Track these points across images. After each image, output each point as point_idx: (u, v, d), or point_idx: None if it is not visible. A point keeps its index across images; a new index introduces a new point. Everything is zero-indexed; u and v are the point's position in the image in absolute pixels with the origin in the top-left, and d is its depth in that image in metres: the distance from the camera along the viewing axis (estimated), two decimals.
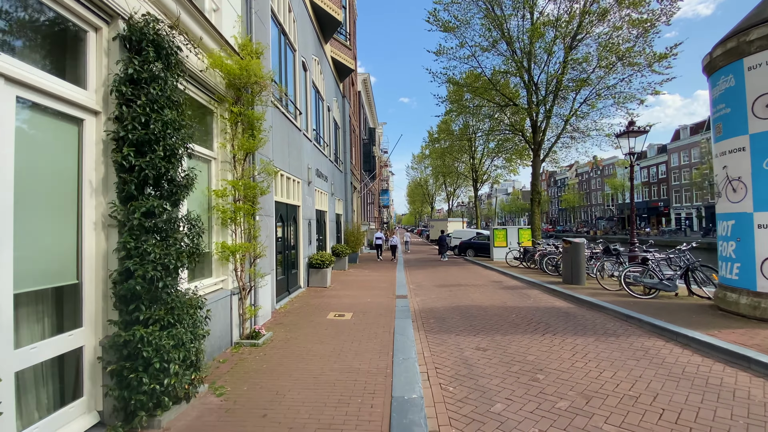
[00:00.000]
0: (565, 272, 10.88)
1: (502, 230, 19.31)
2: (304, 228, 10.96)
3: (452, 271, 16.04)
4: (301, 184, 10.81)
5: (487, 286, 11.73)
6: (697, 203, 58.12)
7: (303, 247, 10.78)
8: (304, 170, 11.16)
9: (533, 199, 17.43)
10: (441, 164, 36.74)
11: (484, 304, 8.99)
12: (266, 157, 7.30)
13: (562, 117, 18.04)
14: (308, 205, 11.51)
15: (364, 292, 10.48)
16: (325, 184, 14.26)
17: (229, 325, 5.68)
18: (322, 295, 9.86)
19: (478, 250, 22.43)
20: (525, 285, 11.69)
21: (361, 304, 8.74)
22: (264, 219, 7.21)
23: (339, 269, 15.24)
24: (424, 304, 9.20)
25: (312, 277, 11.07)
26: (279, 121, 8.88)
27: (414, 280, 13.50)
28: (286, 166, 9.37)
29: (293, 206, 10.17)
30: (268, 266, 7.37)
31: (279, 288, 8.83)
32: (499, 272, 14.77)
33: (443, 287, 11.66)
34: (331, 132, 16.23)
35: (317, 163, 13.03)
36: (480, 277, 13.70)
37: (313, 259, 10.98)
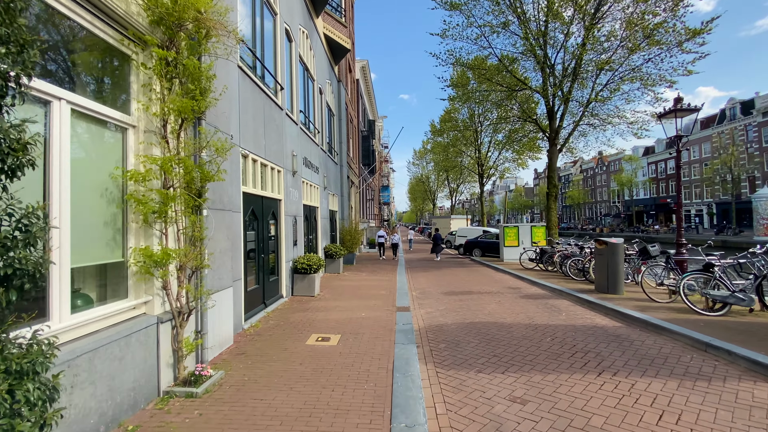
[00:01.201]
0: (598, 278, 9.11)
1: (513, 228, 17.53)
2: (288, 226, 9.21)
3: (459, 273, 14.28)
4: (284, 174, 9.05)
5: (504, 294, 9.96)
6: (708, 199, 56.30)
7: (286, 248, 9.02)
8: (287, 157, 9.40)
9: (550, 193, 15.62)
10: (444, 158, 34.90)
11: (505, 320, 7.23)
12: (224, 132, 5.53)
13: (580, 102, 16.22)
14: (293, 200, 9.75)
15: (359, 302, 8.73)
16: (315, 176, 12.50)
17: (155, 366, 3.93)
18: (306, 308, 8.11)
19: (486, 249, 20.65)
20: (549, 293, 9.92)
21: (354, 321, 6.99)
22: (221, 215, 5.45)
23: (332, 272, 13.50)
24: (431, 319, 7.44)
25: (297, 285, 9.32)
26: (250, 92, 7.11)
27: (417, 284, 11.75)
28: (260, 150, 7.60)
29: (272, 200, 8.41)
30: (228, 276, 5.62)
31: (250, 301, 7.09)
32: (514, 276, 12.99)
33: (452, 295, 9.90)
34: (324, 118, 14.46)
35: (305, 150, 11.26)
36: (493, 282, 11.94)
37: (298, 263, 9.23)
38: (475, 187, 47.18)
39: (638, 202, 66.08)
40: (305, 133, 11.32)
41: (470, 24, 15.92)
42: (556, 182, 15.68)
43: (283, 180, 8.97)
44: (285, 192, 9.09)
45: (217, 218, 5.30)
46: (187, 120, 4.25)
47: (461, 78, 18.05)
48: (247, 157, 7.02)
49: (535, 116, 17.25)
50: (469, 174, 38.38)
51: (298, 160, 10.24)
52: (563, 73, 15.73)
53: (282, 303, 8.46)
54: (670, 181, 62.31)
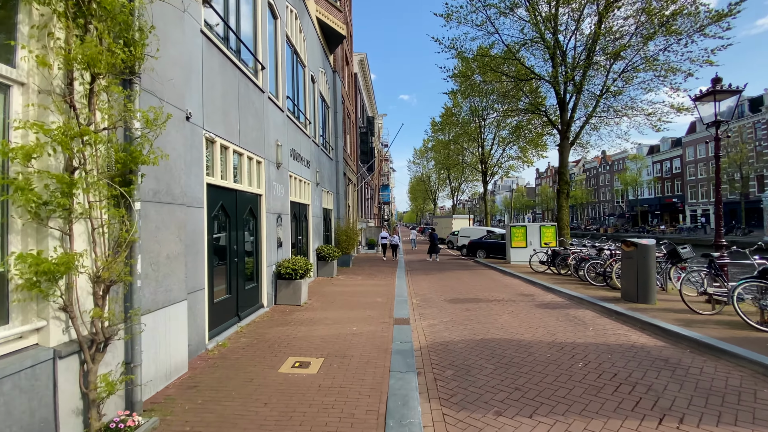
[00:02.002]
0: (625, 285, 7.95)
1: (520, 228, 16.38)
2: (269, 225, 8.07)
3: (464, 277, 13.14)
4: (265, 166, 7.91)
5: (516, 302, 8.82)
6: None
7: (267, 251, 7.88)
8: (270, 147, 8.26)
9: (561, 190, 14.47)
10: (445, 156, 33.72)
11: (523, 336, 6.09)
12: (175, 107, 4.40)
13: (593, 93, 15.06)
14: (277, 195, 8.62)
15: (351, 312, 7.59)
16: (306, 171, 11.36)
17: (51, 420, 2.80)
18: (289, 320, 6.97)
19: (491, 250, 19.51)
20: (568, 301, 8.77)
21: (342, 338, 5.85)
22: (170, 211, 4.31)
23: (325, 276, 12.37)
24: (435, 334, 6.30)
25: (281, 292, 8.18)
26: (220, 65, 5.98)
27: (418, 290, 10.61)
28: (234, 136, 6.47)
29: (250, 195, 7.27)
30: (180, 287, 4.48)
31: (218, 314, 5.95)
32: (525, 280, 11.83)
33: (457, 303, 8.76)
34: (316, 109, 13.32)
35: (293, 141, 10.13)
36: (502, 288, 10.79)
37: (282, 267, 8.09)
38: (477, 186, 46.06)
39: (642, 202, 64.89)
40: (293, 122, 10.19)
41: (475, 9, 14.80)
42: (568, 179, 14.53)
43: (264, 172, 7.83)
44: (267, 186, 7.96)
45: (163, 214, 4.17)
46: (100, 77, 3.11)
47: (467, 67, 16.84)
48: (215, 143, 5.89)
49: (544, 108, 16.07)
50: (471, 172, 37.23)
51: (283, 151, 9.11)
52: (574, 62, 14.60)
53: (261, 314, 7.32)
54: (676, 181, 61.24)
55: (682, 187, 59.77)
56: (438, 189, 58.42)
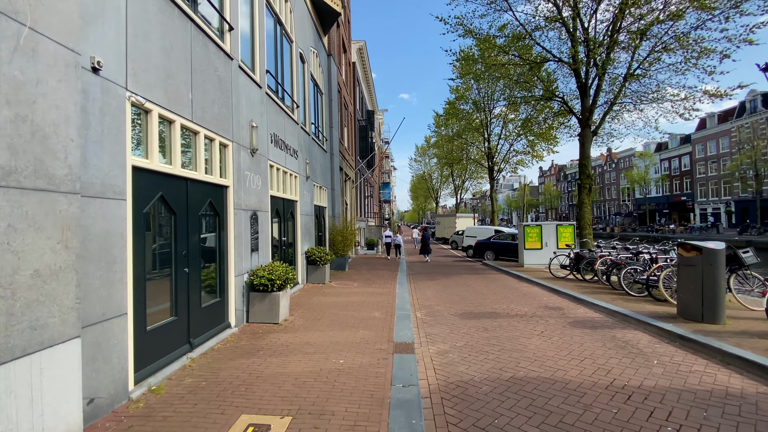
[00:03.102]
0: (685, 299, 6.36)
1: (535, 227, 14.79)
2: (240, 225, 6.52)
3: (474, 283, 11.57)
4: (234, 151, 6.36)
5: (544, 317, 7.25)
6: (726, 197, 53.46)
7: (236, 256, 6.33)
8: (241, 128, 6.70)
9: (583, 185, 12.88)
10: (448, 151, 32.08)
11: (567, 373, 4.52)
12: (69, 48, 2.85)
13: (617, 76, 13.45)
14: (251, 188, 7.06)
15: (340, 334, 6.03)
16: (293, 162, 9.80)
17: None
18: (258, 348, 5.41)
19: (500, 252, 17.93)
20: (608, 318, 7.19)
21: (323, 379, 4.29)
22: (40, 200, 2.75)
23: (316, 282, 10.81)
24: (449, 369, 4.74)
25: (254, 307, 6.62)
26: (159, 9, 4.41)
27: (423, 300, 9.05)
28: (183, 106, 4.90)
29: (208, 186, 5.71)
30: (67, 317, 2.92)
31: (156, 345, 4.39)
32: (547, 289, 10.24)
33: (471, 319, 7.20)
34: (307, 93, 11.75)
35: (275, 125, 8.56)
36: (521, 297, 9.22)
37: (256, 277, 6.53)
38: (481, 184, 44.44)
39: (650, 201, 63.18)
40: (276, 102, 8.62)
41: None
42: (590, 172, 12.92)
43: (232, 158, 6.27)
44: (236, 176, 6.39)
45: (27, 207, 2.62)
46: None
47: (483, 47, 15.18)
48: (150, 113, 4.32)
49: (561, 95, 14.46)
50: (476, 168, 35.58)
51: (261, 135, 7.55)
52: (595, 42, 12.99)
53: (225, 338, 5.76)
54: (685, 178, 59.62)
55: (691, 185, 58.18)
56: (440, 187, 56.77)
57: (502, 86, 18.90)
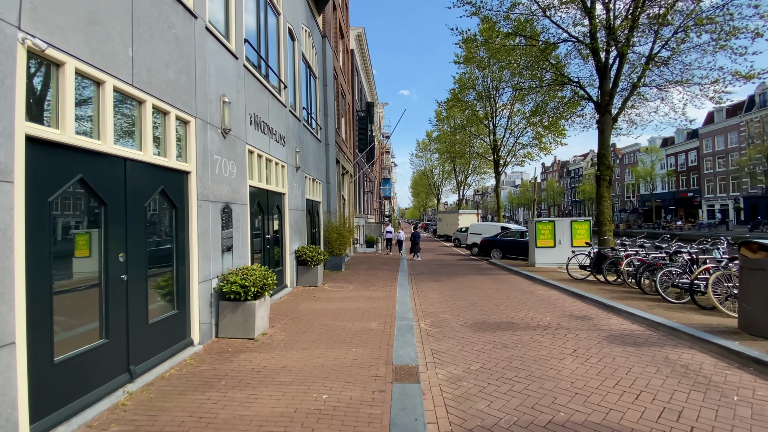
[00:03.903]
0: (751, 311, 5.18)
1: (547, 224, 13.63)
2: (209, 220, 5.37)
3: (483, 285, 10.42)
4: (198, 129, 5.20)
5: (571, 329, 6.10)
6: (734, 193, 52.23)
7: (201, 259, 5.19)
8: (209, 102, 5.53)
9: (602, 176, 11.69)
10: (451, 144, 30.83)
11: (625, 419, 3.37)
12: None
13: (640, 56, 12.24)
14: (223, 175, 5.90)
15: (328, 353, 4.89)
16: (279, 149, 8.64)
17: None
18: (221, 374, 4.26)
19: (507, 250, 16.79)
20: (651, 330, 6.04)
21: (295, 428, 3.15)
22: None
23: (307, 285, 9.68)
24: (465, 405, 3.60)
25: (225, 320, 5.47)
26: None
27: (427, 305, 7.92)
28: (121, 64, 3.73)
29: (164, 172, 4.56)
30: None
31: (74, 380, 3.24)
32: (567, 293, 9.09)
33: (485, 331, 6.06)
34: (298, 74, 10.58)
35: (256, 105, 7.39)
36: (539, 303, 8.07)
37: (227, 283, 5.38)
38: (485, 180, 43.28)
39: (655, 197, 61.92)
40: (257, 79, 7.45)
41: None
42: (611, 162, 11.73)
43: (195, 138, 5.11)
44: (201, 160, 5.24)
45: None
46: None
47: (485, 32, 13.99)
48: (63, 67, 3.17)
49: (576, 79, 13.24)
50: (480, 161, 34.38)
51: (235, 114, 6.38)
52: (614, 22, 11.78)
53: (182, 360, 4.62)
54: (692, 174, 58.38)
55: (698, 180, 56.98)
56: (442, 184, 55.52)
57: (509, 75, 17.65)
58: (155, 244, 4.48)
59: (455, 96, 21.44)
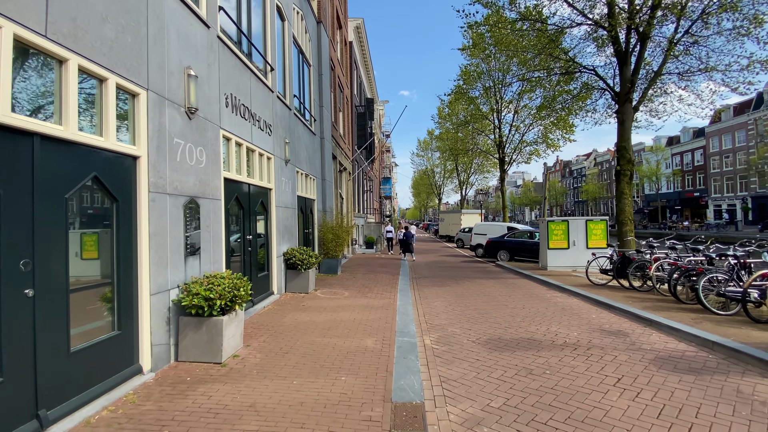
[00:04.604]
0: None
1: (560, 223, 12.60)
2: (166, 217, 4.37)
3: (493, 291, 9.41)
4: (151, 104, 4.20)
5: (608, 350, 5.09)
6: (742, 193, 51.19)
7: (155, 265, 4.19)
8: (171, 75, 4.53)
9: (622, 171, 10.66)
10: (454, 141, 29.81)
11: None
12: None
13: (663, 39, 11.22)
14: (189, 164, 4.90)
15: (309, 384, 3.88)
16: (265, 138, 7.65)
17: None
18: (166, 417, 3.26)
19: (516, 252, 15.77)
20: (709, 353, 5.01)
21: None
22: None
23: (297, 291, 8.67)
24: None
25: (187, 339, 4.46)
26: None
27: (432, 316, 6.91)
28: (22, 8, 2.74)
29: (96, 155, 3.56)
30: None
31: None
32: (590, 301, 8.07)
33: (503, 349, 5.05)
34: (288, 58, 9.58)
35: (235, 85, 6.39)
36: (561, 314, 7.05)
37: (187, 295, 4.37)
38: (488, 179, 42.27)
39: (660, 197, 60.83)
40: (236, 56, 6.46)
41: None
42: (632, 156, 10.70)
43: (147, 115, 4.11)
44: (155, 142, 4.24)
45: None
46: None
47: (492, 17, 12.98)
48: None
49: (591, 67, 12.21)
50: (483, 162, 33.38)
51: (206, 92, 5.38)
52: None
53: (123, 396, 3.61)
54: (698, 174, 57.33)
55: (704, 180, 55.93)
56: (443, 183, 54.47)
57: (517, 65, 16.62)
58: (84, 248, 3.48)
59: (459, 89, 20.41)
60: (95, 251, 3.65)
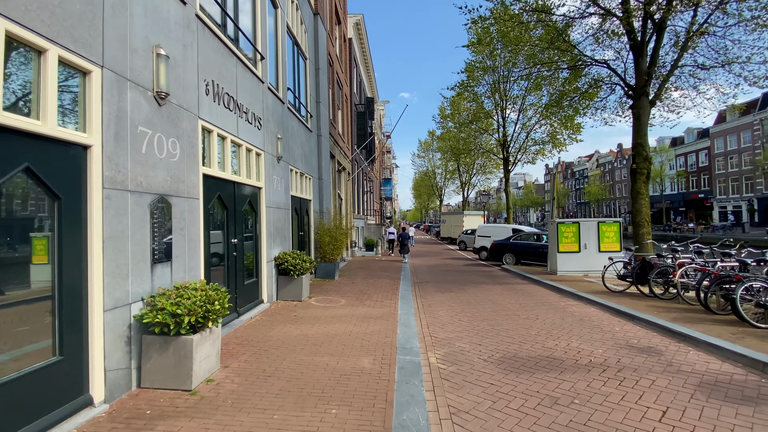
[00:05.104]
0: None
1: (571, 225, 11.92)
2: (127, 218, 3.71)
3: (502, 299, 8.73)
4: (107, 84, 3.55)
5: (642, 371, 4.41)
6: (747, 194, 50.47)
7: (110, 275, 3.54)
8: (134, 53, 3.88)
9: (639, 170, 9.96)
10: (456, 141, 29.12)
11: None
12: None
13: (681, 28, 10.55)
14: (158, 157, 4.24)
15: (291, 419, 3.21)
16: (253, 132, 7.00)
17: None
18: None
19: (522, 255, 15.08)
20: (760, 376, 4.34)
21: None
22: None
23: (289, 299, 8.00)
24: None
25: (151, 362, 3.80)
26: None
27: (437, 329, 6.24)
28: None
29: (28, 142, 2.90)
30: None
31: None
32: (611, 311, 7.38)
33: (521, 371, 4.38)
34: (281, 49, 8.93)
35: (218, 71, 5.74)
36: (580, 326, 6.38)
37: (151, 310, 3.71)
38: (490, 180, 41.58)
39: (665, 198, 60.10)
40: (219, 39, 5.81)
41: None
42: (648, 154, 9.99)
43: (102, 97, 3.46)
44: (113, 129, 3.59)
45: None
46: None
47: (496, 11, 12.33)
48: None
49: (604, 61, 11.52)
50: (485, 162, 32.69)
51: (181, 76, 4.73)
52: None
53: None
54: (702, 175, 56.62)
55: (709, 181, 55.21)
56: (445, 184, 53.75)
57: (523, 61, 15.96)
58: (10, 252, 2.82)
59: (463, 84, 19.72)
60: (39, 258, 2.99)
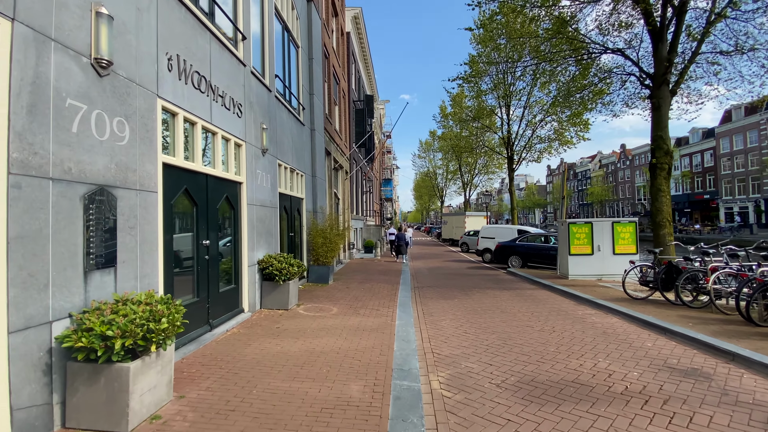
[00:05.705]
0: None
1: (583, 226, 11.08)
2: (47, 215, 2.91)
3: (511, 307, 7.90)
4: (19, 41, 2.76)
5: (692, 404, 3.58)
6: (754, 195, 49.59)
7: (14, 288, 2.73)
8: (66, 7, 3.08)
9: (659, 165, 9.13)
10: (458, 140, 28.32)
11: None
12: None
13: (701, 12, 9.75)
14: (93, 141, 3.44)
15: None
16: (232, 120, 6.20)
17: None
18: None
19: (529, 257, 14.26)
20: None
21: None
22: None
23: (274, 307, 7.18)
24: None
25: (77, 396, 2.99)
26: None
27: (440, 344, 5.42)
28: None
29: None
30: None
31: None
32: (638, 322, 6.55)
33: (545, 403, 3.56)
34: (268, 31, 8.14)
35: (185, 46, 4.93)
36: (603, 340, 5.56)
37: (77, 332, 2.90)
38: (492, 180, 40.76)
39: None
40: (186, 6, 5.01)
41: None
42: (670, 147, 9.16)
43: (8, 60, 2.66)
44: (28, 101, 2.79)
45: None
46: None
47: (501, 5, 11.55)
48: None
49: (619, 49, 10.70)
50: (488, 161, 31.88)
51: (131, 42, 3.93)
52: None
53: None
54: (708, 175, 55.76)
55: (715, 182, 54.35)
56: (446, 185, 52.89)
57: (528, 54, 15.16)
58: None
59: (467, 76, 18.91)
60: None
